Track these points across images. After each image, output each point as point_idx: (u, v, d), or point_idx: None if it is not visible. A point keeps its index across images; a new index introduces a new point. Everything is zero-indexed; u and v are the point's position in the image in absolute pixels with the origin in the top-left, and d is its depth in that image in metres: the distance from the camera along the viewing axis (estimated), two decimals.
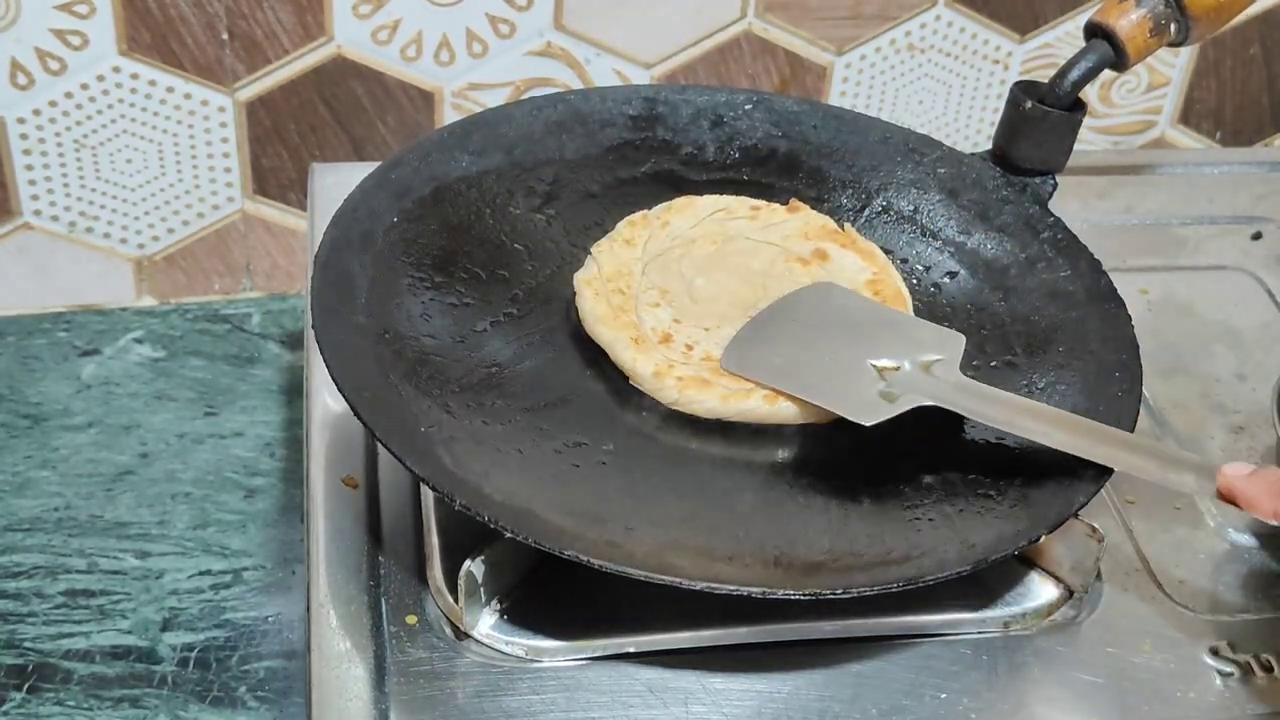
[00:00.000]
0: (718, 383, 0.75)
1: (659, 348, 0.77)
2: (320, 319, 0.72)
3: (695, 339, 0.78)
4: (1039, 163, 0.87)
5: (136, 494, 0.96)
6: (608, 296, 0.78)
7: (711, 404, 0.74)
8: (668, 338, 0.77)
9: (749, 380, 0.75)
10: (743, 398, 0.74)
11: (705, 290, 0.81)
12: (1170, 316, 0.95)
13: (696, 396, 0.74)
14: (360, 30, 1.03)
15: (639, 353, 0.76)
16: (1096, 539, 0.72)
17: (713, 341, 0.78)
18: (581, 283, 0.79)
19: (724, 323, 0.79)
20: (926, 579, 0.65)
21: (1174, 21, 0.84)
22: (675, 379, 0.75)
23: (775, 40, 1.10)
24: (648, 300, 0.79)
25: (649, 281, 0.81)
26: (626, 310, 0.78)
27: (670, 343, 0.77)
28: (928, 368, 0.74)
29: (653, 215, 0.84)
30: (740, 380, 0.75)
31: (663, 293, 0.80)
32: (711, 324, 0.79)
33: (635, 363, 0.75)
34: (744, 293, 0.81)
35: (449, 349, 0.77)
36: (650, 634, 0.70)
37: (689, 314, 0.79)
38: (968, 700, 0.69)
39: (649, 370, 0.75)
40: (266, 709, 0.84)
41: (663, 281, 0.81)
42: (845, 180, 0.89)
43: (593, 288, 0.79)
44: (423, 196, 0.82)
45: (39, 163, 1.03)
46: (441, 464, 0.68)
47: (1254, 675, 0.72)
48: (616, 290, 0.79)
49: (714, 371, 0.76)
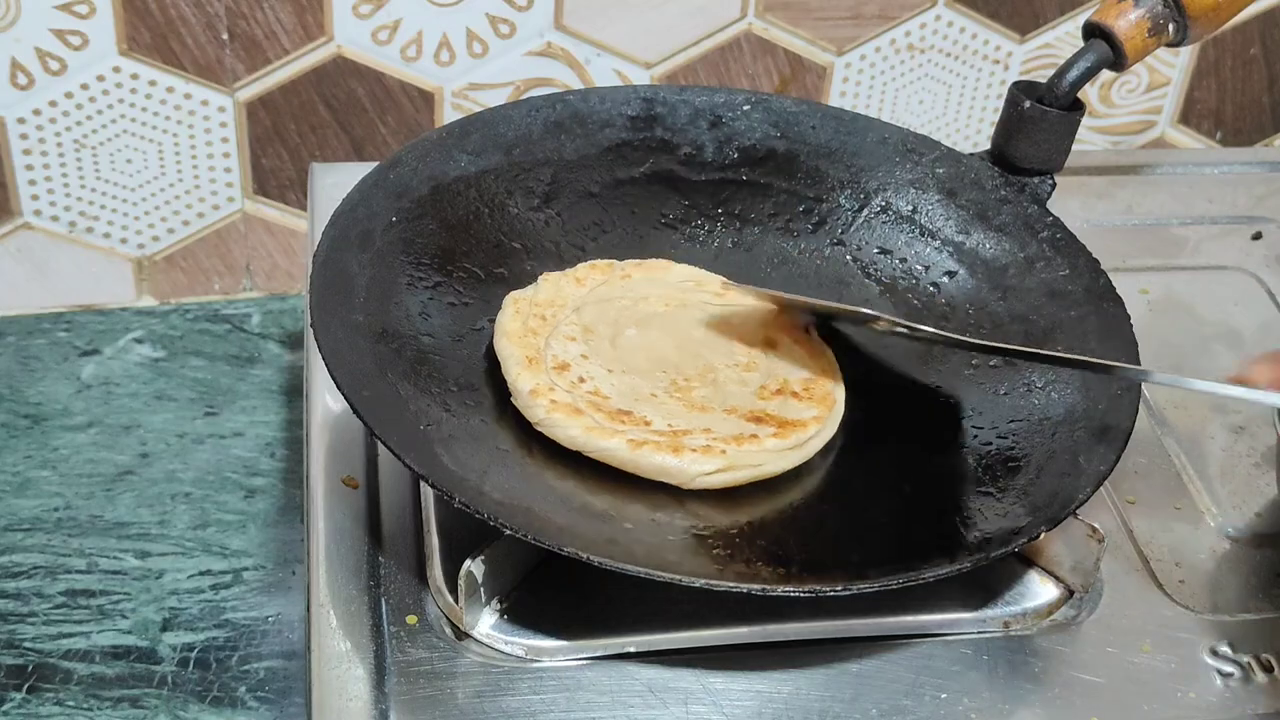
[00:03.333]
0: (590, 416, 0.73)
1: (550, 372, 0.75)
2: (319, 318, 0.72)
3: (592, 375, 0.76)
4: (1038, 162, 0.87)
5: (136, 494, 0.96)
6: (526, 318, 0.77)
7: (574, 433, 0.72)
8: (564, 366, 0.75)
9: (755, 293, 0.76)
10: (606, 436, 0.72)
11: (632, 341, 0.78)
12: (1170, 316, 0.94)
13: (562, 422, 0.72)
14: (360, 30, 1.03)
15: (525, 369, 0.74)
16: (1096, 539, 0.72)
17: (610, 383, 0.75)
18: (509, 299, 0.79)
19: (633, 373, 0.76)
20: (926, 577, 0.65)
21: (1172, 21, 0.84)
22: (549, 401, 0.73)
23: (775, 40, 1.10)
24: (566, 333, 0.78)
25: (578, 318, 0.79)
26: (538, 334, 0.77)
27: (565, 371, 0.75)
28: None
29: (619, 265, 0.83)
30: (614, 420, 0.73)
31: (585, 330, 0.78)
32: (618, 369, 0.77)
33: (518, 378, 0.74)
34: (671, 356, 0.78)
35: (448, 348, 0.77)
36: (650, 634, 0.70)
37: (601, 355, 0.77)
38: (968, 700, 0.69)
39: (527, 387, 0.73)
40: (266, 709, 0.84)
41: (591, 322, 0.79)
42: (844, 180, 0.89)
43: (516, 306, 0.78)
44: (421, 196, 0.82)
45: (39, 163, 1.03)
46: (441, 462, 0.68)
47: (1254, 675, 0.72)
48: (539, 315, 0.78)
49: (592, 406, 0.73)
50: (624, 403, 0.74)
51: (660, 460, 0.71)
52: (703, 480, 0.71)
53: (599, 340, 0.78)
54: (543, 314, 0.78)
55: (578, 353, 0.77)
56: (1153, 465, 0.83)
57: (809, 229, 0.88)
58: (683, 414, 0.74)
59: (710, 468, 0.71)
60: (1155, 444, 0.85)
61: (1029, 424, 0.76)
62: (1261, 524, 0.81)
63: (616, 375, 0.76)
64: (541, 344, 0.76)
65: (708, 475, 0.71)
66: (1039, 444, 0.74)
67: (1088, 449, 0.72)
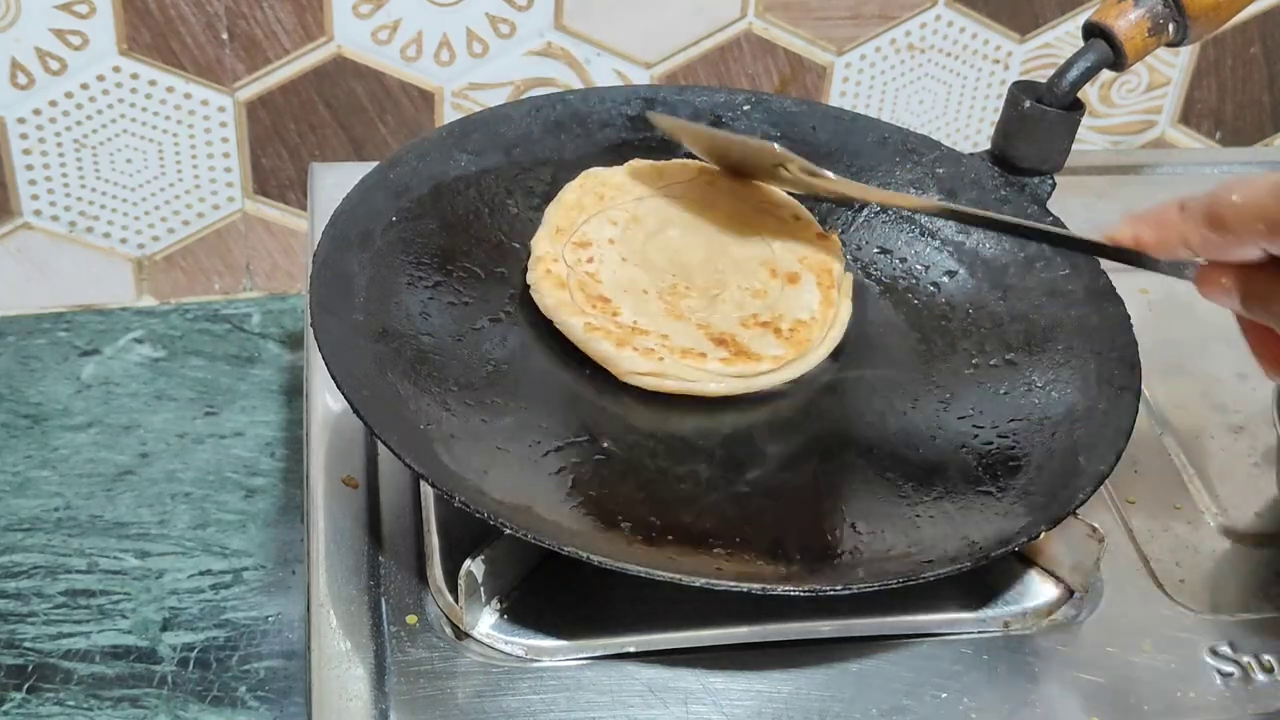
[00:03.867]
0: (570, 292, 0.77)
1: (569, 245, 0.80)
2: (319, 318, 0.72)
3: (603, 259, 0.80)
4: (1037, 162, 0.87)
5: (136, 494, 0.96)
6: (585, 194, 0.83)
7: (549, 302, 0.77)
8: (585, 244, 0.80)
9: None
10: (571, 313, 0.76)
11: (667, 240, 0.82)
12: (1170, 316, 0.94)
13: (544, 289, 0.77)
14: (360, 30, 1.03)
15: (548, 236, 0.81)
16: (1096, 539, 0.72)
17: (612, 271, 0.79)
18: (586, 173, 0.85)
19: (644, 267, 0.80)
20: (926, 576, 0.65)
21: (1172, 21, 0.84)
22: (545, 270, 0.78)
23: (775, 40, 1.10)
24: (611, 216, 0.82)
25: (635, 207, 0.83)
26: (584, 210, 0.82)
27: (583, 248, 0.80)
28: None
29: (712, 170, 0.86)
30: (589, 303, 0.77)
31: (633, 219, 0.82)
32: (632, 261, 0.80)
33: (538, 242, 0.80)
34: (693, 262, 0.82)
35: (448, 347, 0.77)
36: (650, 634, 0.70)
37: (628, 244, 0.81)
38: (968, 700, 0.69)
39: (538, 252, 0.80)
40: (266, 709, 0.84)
41: (644, 214, 0.83)
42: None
43: (584, 181, 0.84)
44: (421, 195, 0.82)
45: (39, 163, 1.03)
46: (441, 462, 0.68)
47: (1254, 675, 0.72)
48: (598, 194, 0.83)
49: (580, 286, 0.78)
50: (610, 291, 0.78)
51: (604, 348, 0.75)
52: (635, 379, 0.75)
53: (637, 231, 0.82)
54: (603, 193, 0.83)
55: (608, 236, 0.81)
56: (1153, 465, 0.83)
57: None
58: (656, 316, 0.78)
59: (643, 368, 0.75)
60: (1155, 444, 0.85)
61: (1029, 423, 0.76)
62: (1261, 524, 0.81)
63: (628, 266, 0.80)
64: (582, 219, 0.80)
65: (640, 375, 0.75)
66: (1039, 443, 0.74)
67: (1088, 449, 0.72)
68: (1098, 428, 0.73)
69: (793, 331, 0.78)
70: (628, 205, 0.83)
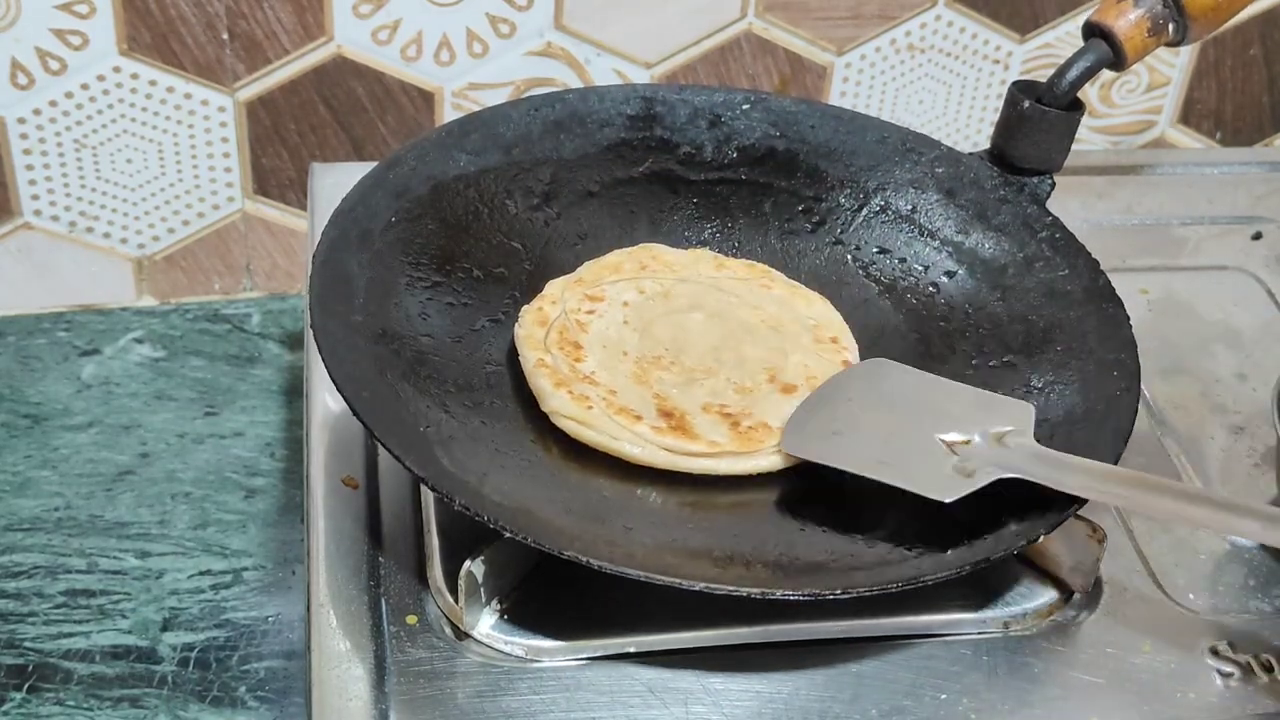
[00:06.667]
0: (547, 333, 0.77)
1: (578, 297, 0.80)
2: (319, 318, 0.72)
3: (608, 313, 0.79)
4: (1037, 162, 0.87)
5: (136, 494, 0.96)
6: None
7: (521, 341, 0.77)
8: (599, 298, 0.79)
9: (812, 460, 0.71)
10: (534, 348, 0.76)
11: (685, 320, 0.80)
12: (1170, 316, 0.94)
13: (525, 336, 0.77)
14: (360, 30, 1.03)
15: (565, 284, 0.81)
16: (1097, 539, 0.72)
17: (604, 326, 0.79)
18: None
19: (640, 333, 0.79)
20: (926, 579, 0.65)
21: (1172, 21, 0.84)
22: (537, 312, 0.78)
23: (775, 40, 1.10)
24: (640, 285, 0.81)
25: (670, 284, 0.82)
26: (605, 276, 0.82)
27: (596, 301, 0.79)
28: (1000, 439, 0.71)
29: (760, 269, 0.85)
30: (558, 347, 0.76)
31: (663, 295, 0.80)
32: (634, 323, 0.79)
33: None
34: (695, 346, 0.79)
35: (447, 348, 0.77)
36: (650, 634, 0.70)
37: (641, 313, 0.80)
38: (968, 700, 0.69)
39: (533, 307, 0.79)
40: (266, 709, 0.84)
41: (673, 290, 0.81)
42: (843, 179, 0.89)
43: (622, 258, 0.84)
44: (421, 196, 0.82)
45: (39, 163, 1.03)
46: (440, 464, 0.68)
47: (1254, 675, 0.72)
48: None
49: (561, 334, 0.77)
50: (588, 341, 0.77)
51: (541, 384, 0.74)
52: (558, 419, 0.73)
53: (659, 304, 0.81)
54: (647, 264, 0.83)
55: (625, 299, 0.81)
56: (1153, 465, 0.83)
57: (808, 228, 0.88)
58: (619, 375, 0.76)
59: (569, 411, 0.73)
60: (1155, 444, 0.85)
61: None
62: None
63: (625, 328, 0.79)
64: (611, 278, 0.81)
65: (563, 418, 0.73)
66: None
67: (1088, 449, 0.72)
68: (1097, 429, 0.73)
69: (750, 430, 0.74)
70: (666, 281, 0.82)
